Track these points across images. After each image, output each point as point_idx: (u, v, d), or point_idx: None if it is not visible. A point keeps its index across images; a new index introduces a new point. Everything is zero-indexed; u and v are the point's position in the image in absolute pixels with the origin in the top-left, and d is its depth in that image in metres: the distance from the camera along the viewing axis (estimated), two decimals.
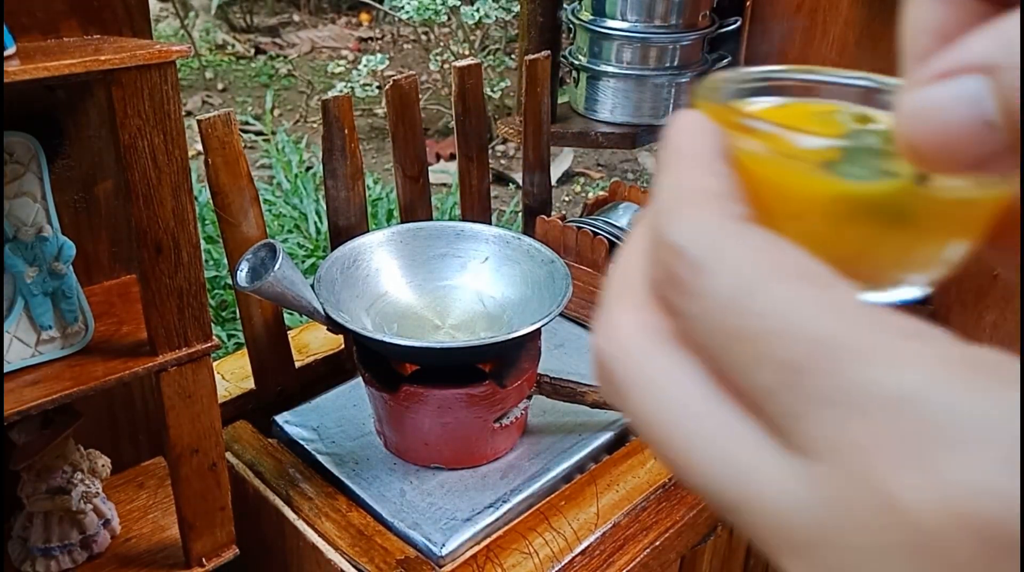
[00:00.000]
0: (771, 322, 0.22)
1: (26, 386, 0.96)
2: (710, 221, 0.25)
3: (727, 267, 0.24)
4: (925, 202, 0.27)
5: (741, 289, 0.23)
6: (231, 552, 1.16)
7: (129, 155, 0.91)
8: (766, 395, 0.23)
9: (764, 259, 0.24)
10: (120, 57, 0.86)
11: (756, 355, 0.23)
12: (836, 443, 0.21)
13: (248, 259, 1.11)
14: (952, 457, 0.20)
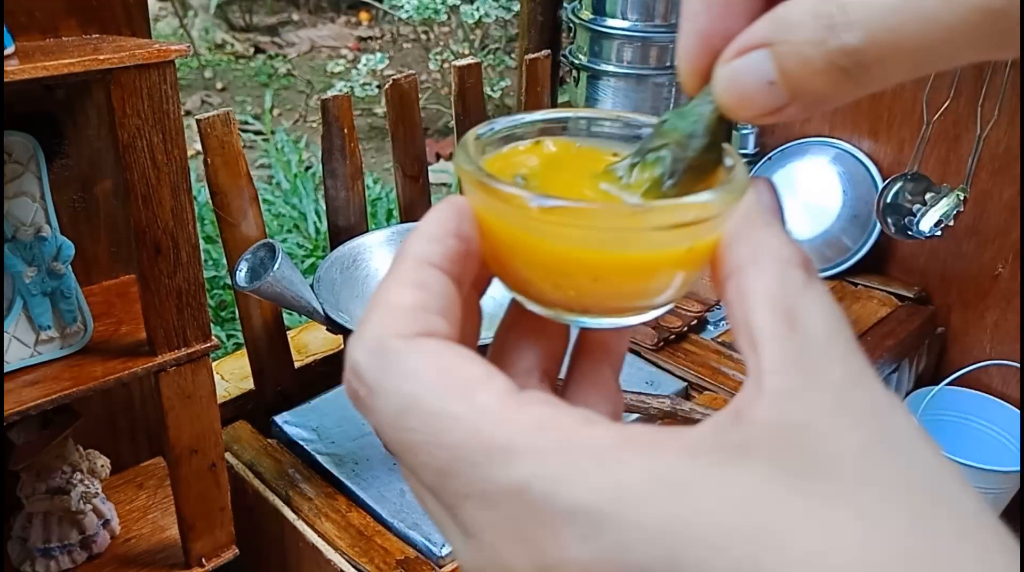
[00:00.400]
0: (421, 437, 0.27)
1: (25, 386, 0.95)
2: (384, 341, 0.29)
3: (388, 389, 0.28)
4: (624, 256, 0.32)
5: (401, 409, 0.28)
6: (231, 552, 1.16)
7: (128, 155, 0.90)
8: (434, 491, 0.28)
9: (423, 378, 0.28)
10: (119, 56, 0.86)
11: (416, 463, 0.28)
12: (478, 527, 0.26)
13: (247, 259, 1.11)
14: (547, 537, 0.25)
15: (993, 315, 1.82)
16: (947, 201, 1.65)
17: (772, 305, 0.28)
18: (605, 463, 0.25)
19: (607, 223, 0.31)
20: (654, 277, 0.33)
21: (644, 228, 0.31)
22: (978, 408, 1.85)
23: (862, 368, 0.27)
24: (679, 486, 0.24)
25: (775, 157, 1.99)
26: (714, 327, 1.72)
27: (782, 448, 0.25)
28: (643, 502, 0.24)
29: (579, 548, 0.24)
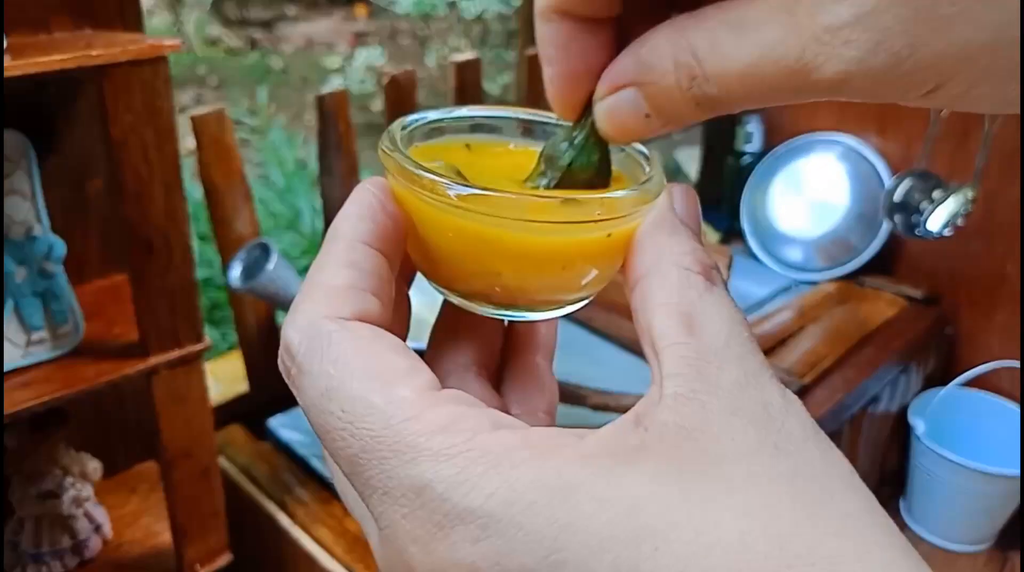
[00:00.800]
0: (339, 423, 0.28)
1: (16, 388, 0.94)
2: (315, 322, 0.30)
3: (315, 369, 0.29)
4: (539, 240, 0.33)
5: (324, 391, 0.29)
6: (224, 558, 1.15)
7: (120, 152, 0.89)
8: (349, 477, 0.29)
9: (349, 364, 0.29)
10: (111, 52, 0.85)
11: (333, 448, 0.29)
12: (386, 520, 0.28)
13: (241, 258, 1.10)
14: (442, 538, 0.26)
15: (1002, 315, 1.80)
16: (955, 199, 1.64)
17: (672, 311, 0.29)
18: (500, 468, 0.26)
19: (521, 212, 0.32)
20: (566, 270, 0.34)
21: (555, 219, 0.32)
22: (986, 409, 1.84)
23: (758, 369, 0.28)
24: (565, 490, 0.25)
25: (780, 153, 1.97)
26: None
27: (676, 450, 0.26)
28: (530, 507, 0.25)
29: (469, 549, 0.26)
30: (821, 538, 0.25)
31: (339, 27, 6.37)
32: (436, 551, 0.26)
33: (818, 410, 1.48)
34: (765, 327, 1.69)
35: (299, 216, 3.25)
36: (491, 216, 0.32)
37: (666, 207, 0.33)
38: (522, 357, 0.40)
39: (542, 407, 0.39)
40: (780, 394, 0.28)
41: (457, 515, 0.26)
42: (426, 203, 0.33)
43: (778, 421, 0.27)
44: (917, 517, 1.84)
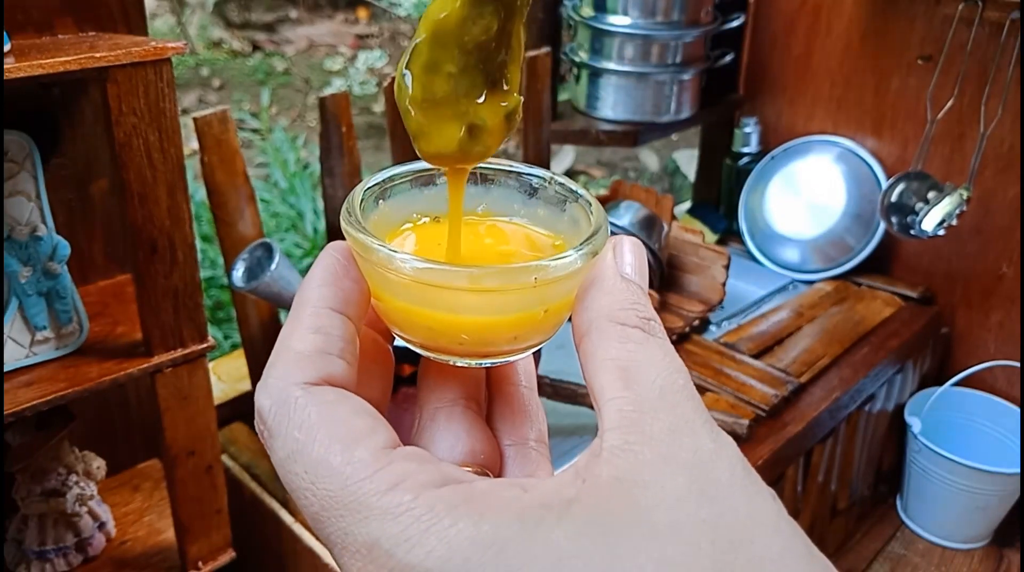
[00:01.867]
0: (303, 482, 0.31)
1: (20, 387, 0.95)
2: (284, 388, 0.33)
3: (283, 433, 0.32)
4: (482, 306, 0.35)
5: (291, 453, 0.31)
6: (227, 555, 1.15)
7: (124, 153, 0.90)
8: (316, 533, 0.31)
9: (313, 428, 0.31)
10: (115, 54, 0.85)
11: (300, 504, 0.31)
12: (347, 569, 0.30)
13: (244, 258, 1.10)
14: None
15: (998, 315, 1.81)
16: (951, 200, 1.64)
17: (611, 367, 0.32)
18: (439, 526, 0.28)
19: (467, 285, 0.34)
20: (520, 328, 0.36)
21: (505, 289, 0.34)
22: (982, 409, 1.85)
23: (692, 415, 0.30)
24: (496, 547, 0.27)
25: (778, 156, 1.98)
26: (716, 328, 1.71)
27: (607, 502, 0.28)
28: (464, 563, 0.27)
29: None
30: None
31: (341, 30, 6.36)
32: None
33: (815, 409, 1.49)
34: (762, 327, 1.70)
35: (302, 217, 3.25)
36: (445, 289, 0.34)
37: (608, 261, 0.35)
38: (505, 389, 0.41)
39: (532, 436, 0.40)
40: (711, 439, 0.30)
41: (400, 570, 0.28)
42: (385, 276, 0.35)
43: (707, 467, 0.29)
44: (913, 515, 1.85)
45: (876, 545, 1.82)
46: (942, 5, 1.71)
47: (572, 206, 0.40)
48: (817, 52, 1.93)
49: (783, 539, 0.28)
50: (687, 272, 1.72)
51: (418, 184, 0.41)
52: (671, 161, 4.49)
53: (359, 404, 0.33)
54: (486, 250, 0.40)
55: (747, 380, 1.51)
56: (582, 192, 0.39)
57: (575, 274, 0.35)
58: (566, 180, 0.40)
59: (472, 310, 0.35)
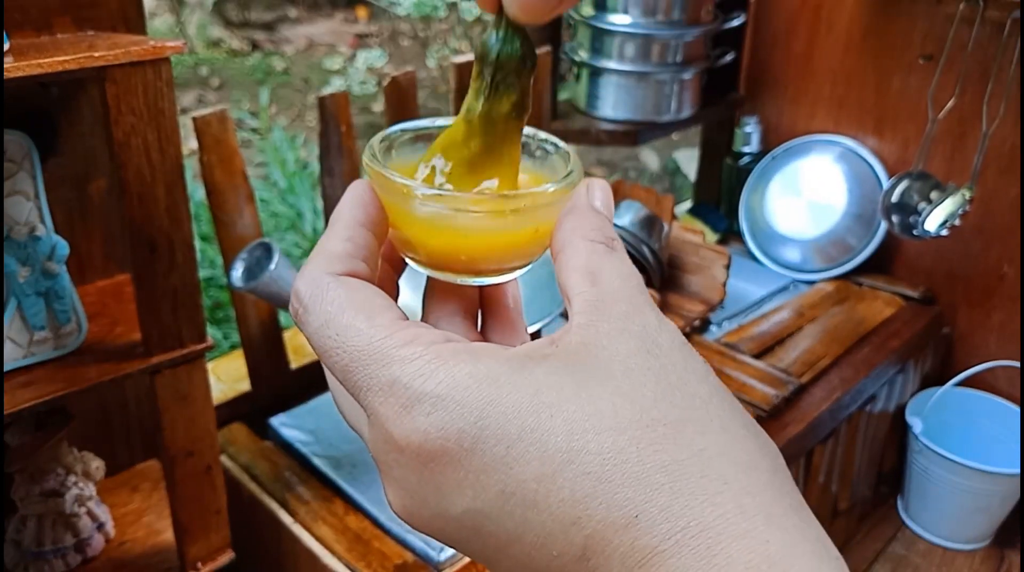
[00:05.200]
0: (334, 343, 0.39)
1: (19, 387, 0.94)
2: (317, 276, 0.41)
3: (317, 309, 0.40)
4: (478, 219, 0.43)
5: (323, 322, 0.40)
6: (226, 556, 1.15)
7: (123, 153, 0.89)
8: (344, 385, 0.39)
9: (340, 304, 0.40)
10: (114, 53, 0.85)
11: (331, 362, 0.40)
12: (370, 409, 0.38)
13: (243, 258, 1.10)
14: (406, 414, 0.36)
15: (999, 315, 1.81)
16: (952, 200, 1.64)
17: (581, 271, 0.40)
18: (446, 365, 0.37)
19: (473, 206, 0.43)
20: (511, 249, 0.45)
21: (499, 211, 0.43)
22: (984, 409, 1.85)
23: (643, 305, 0.39)
24: (490, 378, 0.36)
25: (779, 155, 1.98)
26: (717, 328, 1.70)
27: (574, 355, 0.37)
28: (466, 389, 0.36)
29: (424, 420, 0.36)
30: (672, 409, 0.36)
31: (340, 29, 6.37)
32: (404, 423, 0.37)
33: (816, 409, 1.49)
34: (763, 327, 1.70)
35: (301, 216, 3.25)
36: (449, 211, 0.42)
37: (581, 195, 0.44)
38: (497, 309, 0.50)
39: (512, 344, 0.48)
40: (658, 320, 0.39)
41: (416, 397, 0.36)
42: (399, 201, 0.43)
43: (653, 336, 0.38)
44: (914, 515, 1.85)
45: (877, 546, 1.82)
46: (943, 4, 1.71)
47: (553, 157, 0.48)
48: (818, 51, 1.93)
49: (711, 386, 0.38)
50: (688, 272, 1.72)
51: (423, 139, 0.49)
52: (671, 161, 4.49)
53: (377, 290, 0.41)
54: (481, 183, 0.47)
55: (748, 380, 1.50)
56: (562, 145, 0.48)
57: (555, 201, 0.44)
58: (548, 136, 0.49)
59: (471, 231, 0.43)
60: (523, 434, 0.35)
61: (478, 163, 0.47)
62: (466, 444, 0.36)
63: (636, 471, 0.34)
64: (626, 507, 0.34)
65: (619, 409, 0.35)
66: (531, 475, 0.35)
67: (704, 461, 0.35)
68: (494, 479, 0.36)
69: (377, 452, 0.39)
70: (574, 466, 0.35)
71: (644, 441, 0.35)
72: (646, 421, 0.35)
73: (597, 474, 0.34)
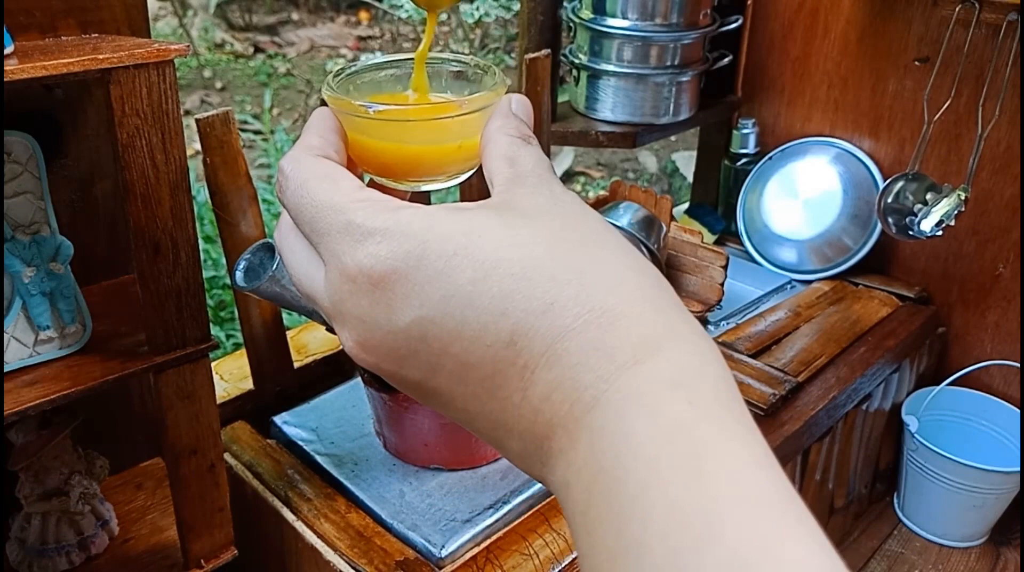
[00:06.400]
0: (306, 201, 0.48)
1: (24, 386, 0.95)
2: (298, 155, 0.51)
3: (294, 178, 0.49)
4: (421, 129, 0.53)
5: (298, 190, 0.49)
6: (230, 553, 1.15)
7: (127, 154, 0.90)
8: (310, 237, 0.48)
9: (313, 172, 0.49)
10: (118, 56, 0.85)
11: (304, 219, 0.48)
12: (327, 251, 0.46)
13: (246, 259, 1.11)
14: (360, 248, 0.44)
15: (994, 315, 1.82)
16: (948, 201, 1.65)
17: (501, 157, 0.50)
18: (392, 211, 0.45)
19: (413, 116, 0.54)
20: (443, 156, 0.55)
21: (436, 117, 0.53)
22: (979, 408, 1.85)
23: (551, 179, 0.49)
24: (429, 216, 0.44)
25: (775, 157, 1.99)
26: (715, 327, 1.71)
27: (498, 207, 0.46)
28: (409, 224, 0.44)
29: (375, 247, 0.44)
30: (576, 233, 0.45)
31: (343, 31, 6.37)
32: (357, 254, 0.44)
33: (812, 408, 1.50)
34: (760, 326, 1.71)
35: None
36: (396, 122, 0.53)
37: (503, 104, 0.54)
38: None
39: None
40: (562, 189, 0.48)
41: (367, 232, 0.45)
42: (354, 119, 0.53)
43: (559, 195, 0.48)
44: (910, 513, 1.86)
45: (873, 543, 1.83)
46: (939, 7, 1.72)
47: (486, 78, 0.56)
48: (814, 54, 1.94)
49: (605, 225, 0.47)
50: (685, 272, 1.73)
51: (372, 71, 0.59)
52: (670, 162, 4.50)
53: (342, 167, 0.51)
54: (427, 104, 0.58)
55: (745, 379, 1.51)
56: (494, 69, 0.56)
57: (482, 109, 0.53)
58: (484, 63, 0.57)
59: (411, 141, 0.53)
60: (458, 250, 0.43)
61: None
62: (411, 262, 0.43)
63: (550, 271, 0.42)
64: (543, 298, 0.42)
65: (535, 231, 0.44)
66: (466, 279, 0.42)
67: (604, 264, 0.43)
68: (436, 286, 0.43)
69: (332, 293, 0.47)
70: (500, 270, 0.42)
71: (556, 251, 0.43)
72: (557, 239, 0.44)
73: (519, 275, 0.42)
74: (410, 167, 0.54)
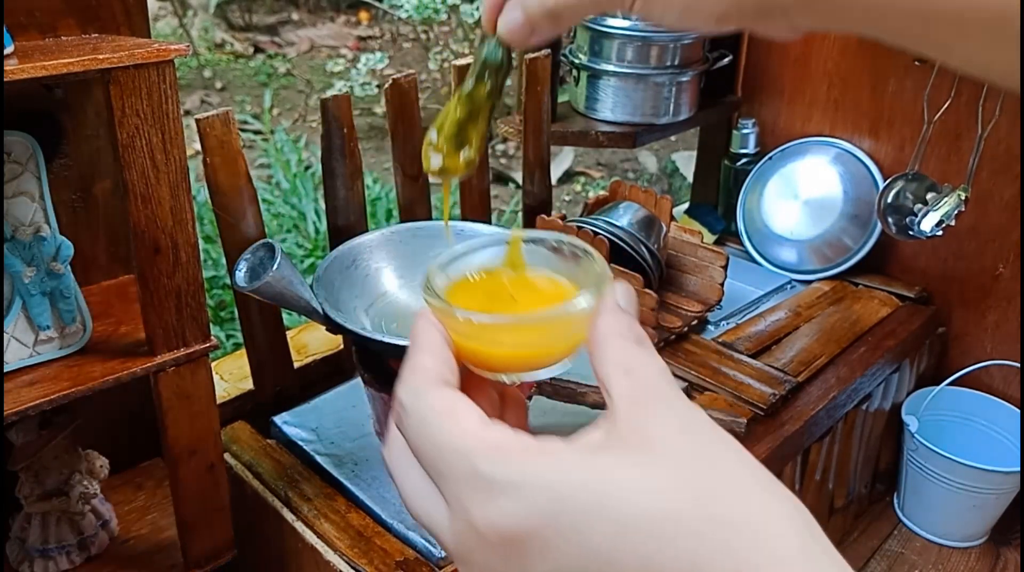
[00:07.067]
0: (428, 441, 0.46)
1: (24, 387, 0.95)
2: (415, 385, 0.48)
3: (415, 412, 0.47)
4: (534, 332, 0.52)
5: (418, 424, 0.47)
6: (229, 554, 1.16)
7: (127, 154, 0.90)
8: (430, 473, 0.46)
9: (433, 408, 0.47)
10: (118, 56, 0.86)
11: (426, 457, 0.46)
12: (452, 497, 0.45)
13: (247, 259, 1.11)
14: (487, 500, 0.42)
15: (994, 315, 1.82)
16: (948, 201, 1.65)
17: (616, 366, 0.47)
18: (522, 457, 0.43)
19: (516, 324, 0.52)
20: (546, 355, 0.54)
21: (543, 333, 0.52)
22: (979, 408, 1.85)
23: (672, 393, 0.45)
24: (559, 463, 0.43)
25: (775, 157, 1.99)
26: (715, 327, 1.71)
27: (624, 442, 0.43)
28: (540, 476, 0.42)
29: (505, 505, 0.42)
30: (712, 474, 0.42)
31: (343, 32, 6.38)
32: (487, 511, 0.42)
33: (812, 408, 1.50)
34: (760, 326, 1.71)
35: (303, 217, 3.27)
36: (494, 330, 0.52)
37: (609, 298, 0.50)
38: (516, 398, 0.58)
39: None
40: (688, 407, 0.45)
41: (497, 486, 0.42)
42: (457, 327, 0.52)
43: (687, 421, 0.44)
44: (910, 513, 1.86)
45: (873, 543, 1.83)
46: None
47: (583, 261, 0.55)
48: (814, 54, 1.94)
49: (737, 452, 0.44)
50: (686, 272, 1.73)
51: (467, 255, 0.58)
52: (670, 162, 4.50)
53: (463, 397, 0.48)
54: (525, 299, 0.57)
55: (745, 379, 1.52)
56: (590, 250, 0.55)
57: (587, 313, 0.50)
58: (574, 240, 0.56)
59: (513, 344, 0.52)
60: (593, 503, 0.41)
61: (461, 128, 0.69)
62: (545, 519, 0.41)
63: (694, 526, 0.40)
64: (687, 558, 0.40)
65: (672, 476, 0.41)
66: (604, 536, 0.41)
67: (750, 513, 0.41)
68: (572, 543, 0.41)
69: (457, 540, 0.45)
70: (640, 526, 0.40)
71: (698, 500, 0.41)
72: (697, 484, 0.41)
73: (659, 533, 0.40)
74: (513, 365, 0.53)
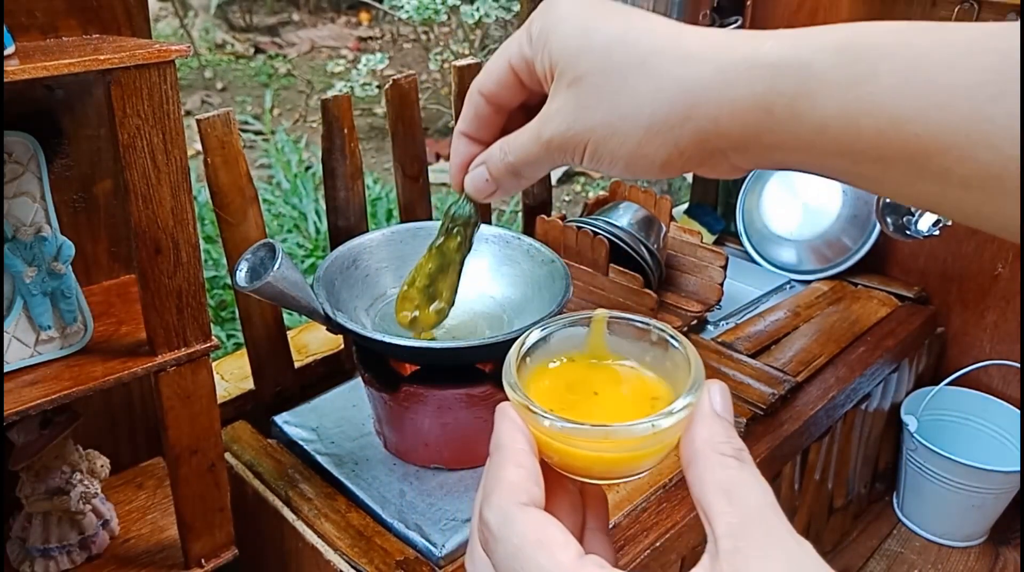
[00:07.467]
0: None
1: (25, 386, 0.95)
2: (504, 507, 0.45)
3: (505, 540, 0.44)
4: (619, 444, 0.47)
5: (510, 554, 0.43)
6: (230, 553, 1.16)
7: (128, 154, 0.90)
8: None
9: (525, 537, 0.43)
10: (119, 56, 0.86)
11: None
12: None
13: (247, 259, 1.11)
14: None
15: (993, 315, 1.82)
16: None
17: (716, 488, 0.43)
18: None
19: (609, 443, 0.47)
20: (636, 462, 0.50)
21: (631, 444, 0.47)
22: (978, 408, 1.86)
23: (779, 524, 0.41)
24: None
25: None
26: (714, 327, 1.72)
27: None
28: None
29: None
30: None
31: (343, 32, 6.38)
32: None
33: (811, 408, 1.50)
34: (759, 326, 1.71)
35: (304, 217, 3.27)
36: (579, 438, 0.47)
37: (705, 402, 0.47)
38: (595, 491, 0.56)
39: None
40: (796, 542, 0.41)
41: None
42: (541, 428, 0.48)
43: (795, 559, 0.40)
44: (910, 513, 1.86)
45: (873, 543, 1.83)
46: (938, 7, 1.72)
47: (673, 352, 0.52)
48: None
49: None
50: (685, 272, 1.73)
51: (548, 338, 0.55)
52: None
53: (556, 522, 0.44)
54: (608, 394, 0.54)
55: (744, 379, 1.52)
56: (680, 340, 0.52)
57: (680, 423, 0.46)
58: (665, 327, 0.53)
59: (601, 450, 0.48)
60: None
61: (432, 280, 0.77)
62: None
63: None
64: None
65: None
66: None
67: None
68: None
69: None
70: None
71: None
72: None
73: None
74: (595, 471, 0.51)
